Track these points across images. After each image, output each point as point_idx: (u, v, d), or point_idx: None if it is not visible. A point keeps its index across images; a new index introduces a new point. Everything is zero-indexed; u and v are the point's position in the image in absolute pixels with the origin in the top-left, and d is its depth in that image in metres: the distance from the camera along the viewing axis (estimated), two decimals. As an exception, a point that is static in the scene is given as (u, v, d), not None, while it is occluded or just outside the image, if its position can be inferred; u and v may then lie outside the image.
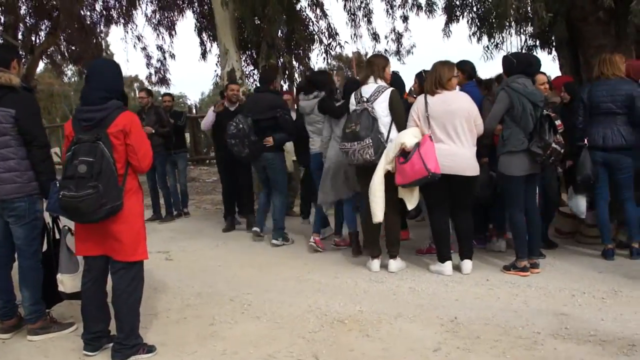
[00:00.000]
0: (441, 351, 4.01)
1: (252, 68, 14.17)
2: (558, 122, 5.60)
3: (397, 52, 14.89)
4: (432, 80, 5.81)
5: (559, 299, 5.00)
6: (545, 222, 6.50)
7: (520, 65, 5.82)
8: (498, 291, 5.28)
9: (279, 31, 12.65)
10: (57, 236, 4.58)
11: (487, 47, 12.44)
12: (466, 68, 6.53)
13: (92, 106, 3.89)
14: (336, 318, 4.71)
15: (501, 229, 6.73)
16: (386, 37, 14.77)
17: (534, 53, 12.07)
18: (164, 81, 16.71)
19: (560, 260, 6.18)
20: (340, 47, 14.35)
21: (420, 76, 6.55)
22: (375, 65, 6.19)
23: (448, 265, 5.88)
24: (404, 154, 5.64)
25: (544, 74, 6.60)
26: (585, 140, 6.11)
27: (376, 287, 5.57)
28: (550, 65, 19.45)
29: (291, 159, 9.23)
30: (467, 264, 5.88)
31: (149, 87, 14.64)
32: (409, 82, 7.60)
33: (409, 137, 5.67)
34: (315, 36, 13.95)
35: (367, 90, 6.03)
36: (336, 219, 7.45)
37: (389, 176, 5.82)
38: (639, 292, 5.06)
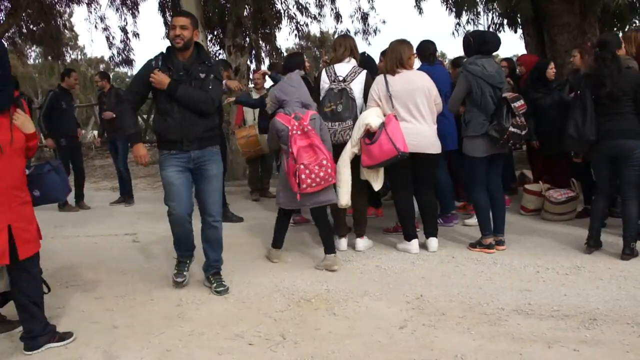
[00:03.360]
0: (407, 328, 4.04)
1: (218, 48, 14.03)
2: (519, 103, 5.52)
3: (364, 32, 14.87)
4: (393, 59, 5.80)
5: (524, 275, 5.07)
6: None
7: (476, 44, 5.81)
8: (463, 268, 5.34)
9: (245, 10, 12.57)
10: None
11: (458, 24, 12.53)
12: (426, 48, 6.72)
13: None
14: (303, 297, 4.73)
15: None
16: (351, 17, 14.77)
17: (501, 32, 12.22)
18: (127, 62, 16.38)
19: (525, 237, 6.26)
20: (306, 25, 14.28)
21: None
22: (351, 44, 6.12)
23: (414, 243, 5.91)
24: (369, 135, 5.60)
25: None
26: None
27: (343, 266, 5.58)
28: (517, 43, 19.70)
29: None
30: (432, 242, 5.92)
31: (107, 70, 14.40)
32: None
33: (373, 117, 5.62)
34: (283, 14, 13.87)
35: (342, 69, 5.93)
36: None
37: (353, 157, 5.79)
38: (601, 268, 5.16)
